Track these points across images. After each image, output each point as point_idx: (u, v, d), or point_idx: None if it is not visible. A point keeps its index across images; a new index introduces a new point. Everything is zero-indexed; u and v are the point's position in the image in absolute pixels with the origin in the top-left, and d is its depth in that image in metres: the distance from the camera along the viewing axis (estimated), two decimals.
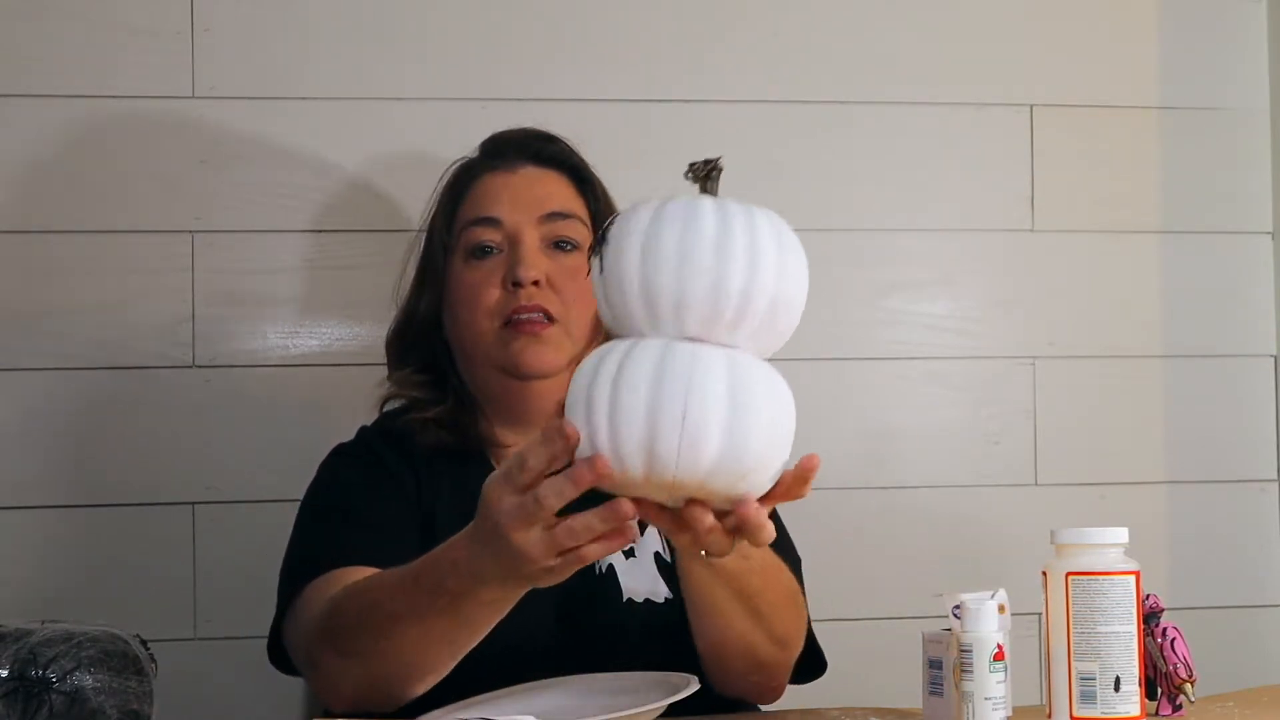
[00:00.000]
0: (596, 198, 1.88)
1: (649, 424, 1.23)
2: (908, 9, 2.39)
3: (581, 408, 1.26)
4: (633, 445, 1.24)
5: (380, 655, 1.53)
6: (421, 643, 1.50)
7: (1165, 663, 1.63)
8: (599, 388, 1.25)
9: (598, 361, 1.27)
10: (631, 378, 1.24)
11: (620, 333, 1.31)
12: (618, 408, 1.24)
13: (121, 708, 1.40)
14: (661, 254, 1.26)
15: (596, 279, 1.30)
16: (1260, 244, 2.47)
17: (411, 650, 1.51)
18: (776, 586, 1.60)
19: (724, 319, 1.27)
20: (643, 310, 1.28)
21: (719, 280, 1.26)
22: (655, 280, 1.26)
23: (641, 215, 1.29)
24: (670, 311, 1.27)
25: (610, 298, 1.29)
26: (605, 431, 1.24)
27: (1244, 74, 2.46)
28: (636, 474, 1.25)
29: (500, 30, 2.30)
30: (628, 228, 1.28)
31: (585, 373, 1.27)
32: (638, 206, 1.30)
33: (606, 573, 1.76)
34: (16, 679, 1.37)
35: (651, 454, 1.24)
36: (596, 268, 1.30)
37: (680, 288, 1.26)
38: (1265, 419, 2.46)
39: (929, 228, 2.39)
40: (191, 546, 2.20)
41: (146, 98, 2.22)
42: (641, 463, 1.24)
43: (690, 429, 1.23)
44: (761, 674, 1.68)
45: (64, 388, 2.19)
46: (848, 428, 2.36)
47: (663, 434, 1.23)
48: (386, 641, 1.51)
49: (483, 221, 1.83)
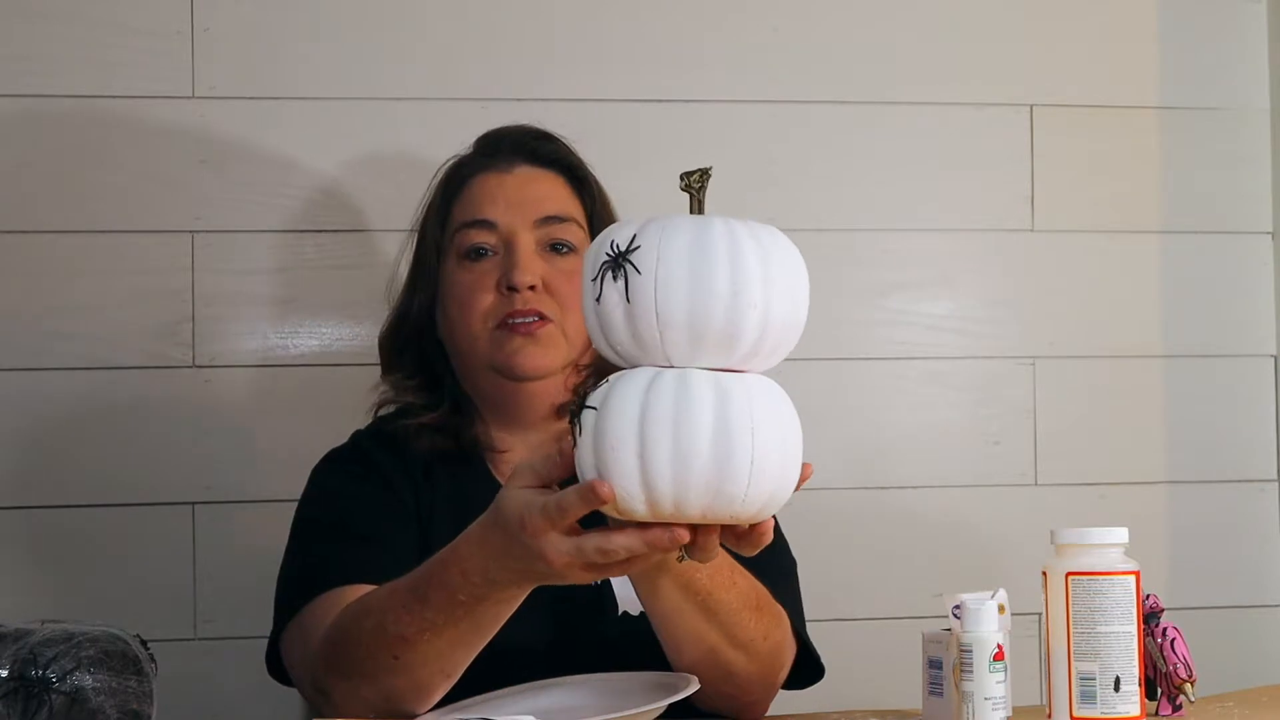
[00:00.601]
0: (593, 198, 1.85)
1: (719, 466, 1.23)
2: (907, 9, 2.39)
3: (633, 442, 1.24)
4: (698, 487, 1.23)
5: (393, 673, 1.51)
6: (435, 656, 1.49)
7: (1165, 663, 1.63)
8: (657, 426, 1.23)
9: (643, 396, 1.24)
10: (697, 418, 1.23)
11: (625, 356, 1.28)
12: (683, 448, 1.23)
13: (121, 708, 1.40)
14: (715, 289, 1.24)
15: (618, 305, 1.26)
16: (1260, 244, 2.47)
17: (425, 665, 1.50)
18: (730, 588, 1.57)
19: (749, 347, 1.26)
20: (682, 341, 1.25)
21: (765, 312, 1.25)
22: (704, 314, 1.24)
23: (677, 243, 1.25)
24: (714, 345, 1.25)
25: (637, 327, 1.26)
26: (668, 470, 1.23)
27: (1244, 74, 2.47)
28: (694, 511, 1.25)
29: (499, 30, 2.30)
30: (668, 256, 1.24)
31: (630, 410, 1.24)
32: (662, 230, 1.26)
33: (601, 585, 1.74)
34: (16, 679, 1.37)
35: (719, 494, 1.24)
36: (616, 295, 1.26)
37: (733, 324, 1.24)
38: (1265, 419, 2.46)
39: (929, 228, 2.39)
40: (191, 546, 2.20)
41: (146, 98, 2.22)
42: (703, 504, 1.24)
43: (759, 470, 1.24)
44: (733, 685, 1.64)
45: (64, 388, 2.19)
46: (848, 428, 2.36)
47: (733, 477, 1.23)
48: (399, 661, 1.50)
49: (477, 224, 1.80)
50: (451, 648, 1.48)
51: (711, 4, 2.36)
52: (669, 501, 1.24)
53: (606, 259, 1.26)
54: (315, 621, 1.64)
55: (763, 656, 1.63)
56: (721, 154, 2.33)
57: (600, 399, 1.26)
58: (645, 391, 1.25)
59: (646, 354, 1.27)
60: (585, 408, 1.27)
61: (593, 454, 1.26)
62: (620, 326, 1.27)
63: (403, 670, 1.50)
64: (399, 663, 1.50)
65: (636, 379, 1.26)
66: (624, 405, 1.25)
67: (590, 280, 1.28)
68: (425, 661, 1.49)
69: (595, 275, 1.27)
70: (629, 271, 1.25)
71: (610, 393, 1.26)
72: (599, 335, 1.29)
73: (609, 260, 1.26)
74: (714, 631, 1.58)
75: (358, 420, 1.91)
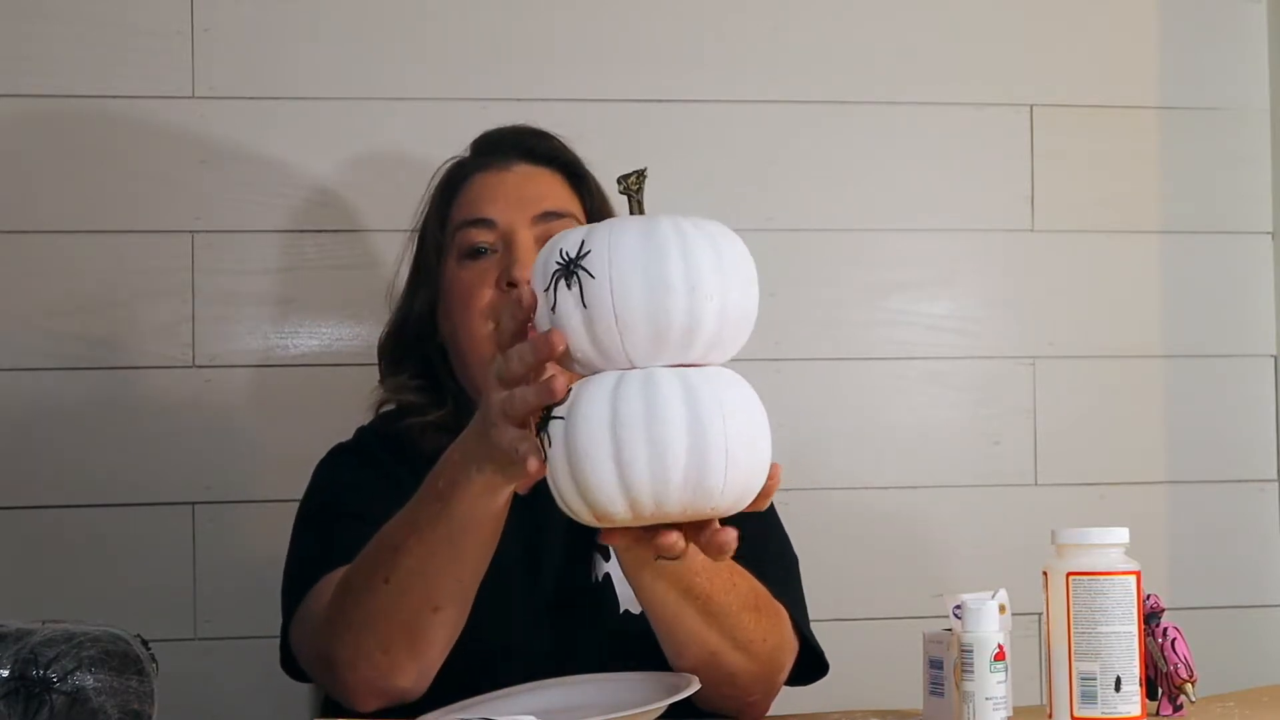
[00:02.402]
0: (591, 195, 1.85)
1: (696, 460, 1.23)
2: (907, 10, 2.39)
3: (606, 447, 1.23)
4: (677, 483, 1.23)
5: (386, 609, 1.52)
6: (419, 574, 1.50)
7: (1166, 663, 1.63)
8: (630, 429, 1.22)
9: (611, 400, 1.24)
10: (669, 415, 1.22)
11: (584, 363, 1.27)
12: (659, 447, 1.22)
13: (122, 708, 1.40)
14: (671, 284, 1.23)
15: (574, 312, 1.25)
16: (1260, 244, 2.47)
17: (412, 588, 1.51)
18: (729, 590, 1.57)
19: (709, 340, 1.26)
20: (643, 340, 1.24)
21: (723, 303, 1.25)
22: (663, 311, 1.23)
23: (628, 244, 1.24)
24: (674, 341, 1.24)
25: (596, 331, 1.24)
26: (645, 471, 1.23)
27: (1244, 74, 2.47)
28: (674, 509, 1.25)
29: (499, 30, 2.30)
30: (620, 258, 1.24)
31: (599, 414, 1.23)
32: (610, 232, 1.25)
33: (603, 582, 1.74)
34: (17, 679, 1.36)
35: (698, 488, 1.23)
36: (572, 301, 1.24)
37: (693, 318, 1.24)
38: (1265, 419, 2.46)
39: (929, 228, 2.39)
40: (191, 546, 2.20)
41: (146, 98, 2.22)
42: (684, 500, 1.24)
43: (733, 460, 1.23)
44: (733, 686, 1.64)
45: (64, 388, 2.19)
46: (848, 427, 2.36)
47: (711, 469, 1.23)
48: (389, 585, 1.51)
49: (476, 222, 1.80)
50: (435, 561, 1.49)
51: (711, 4, 2.36)
52: (649, 501, 1.24)
53: (557, 267, 1.25)
54: (320, 599, 1.64)
55: (763, 657, 1.63)
56: (721, 154, 2.34)
57: (566, 408, 1.25)
58: (612, 394, 1.24)
59: (607, 358, 1.26)
60: (552, 418, 1.26)
61: (566, 463, 1.25)
62: (579, 333, 1.25)
63: (395, 598, 1.51)
64: (389, 587, 1.51)
65: (601, 383, 1.25)
66: (592, 411, 1.24)
67: (543, 291, 1.26)
68: (412, 582, 1.50)
69: (547, 285, 1.26)
70: (582, 277, 1.24)
71: (576, 400, 1.25)
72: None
73: (560, 268, 1.25)
74: (714, 633, 1.58)
75: (358, 420, 1.91)
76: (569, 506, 1.28)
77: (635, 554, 1.46)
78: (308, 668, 1.72)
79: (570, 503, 1.27)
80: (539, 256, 1.29)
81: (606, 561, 1.74)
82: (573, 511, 1.28)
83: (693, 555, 1.36)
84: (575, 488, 1.25)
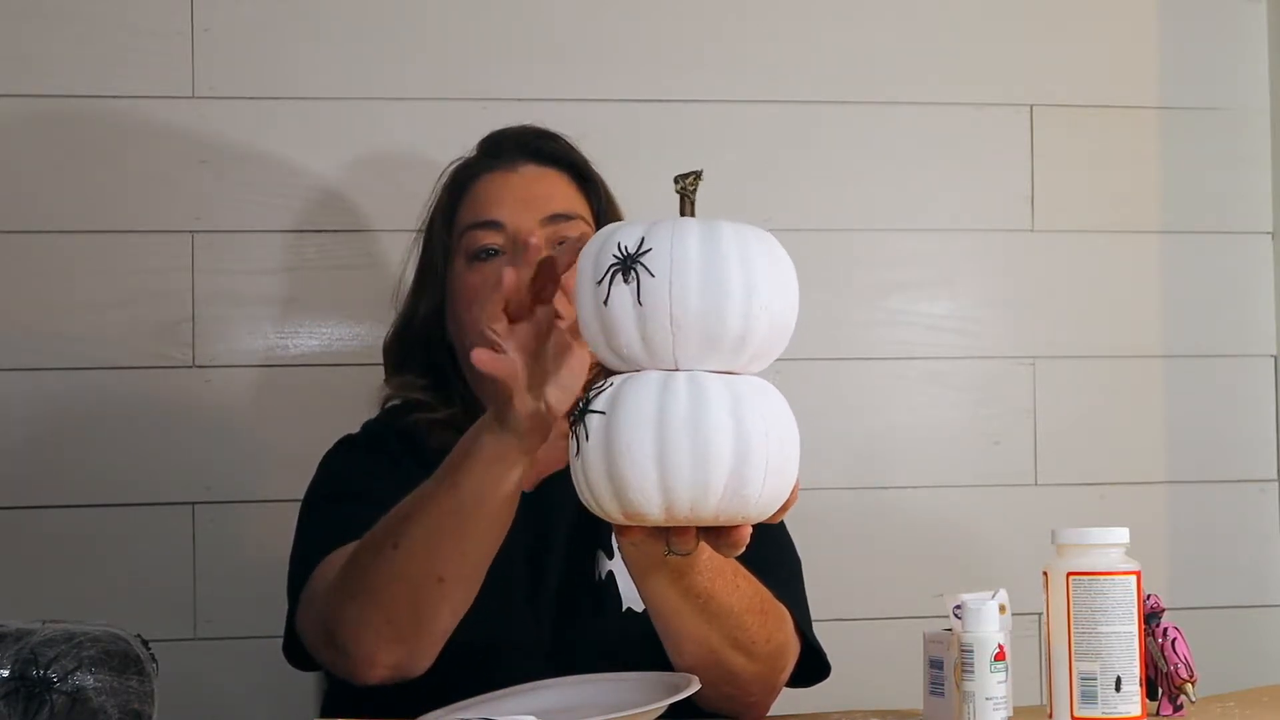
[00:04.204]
0: (599, 196, 1.85)
1: (738, 469, 1.23)
2: (908, 9, 2.39)
3: (650, 447, 1.23)
4: (717, 490, 1.23)
5: (391, 575, 1.52)
6: (424, 540, 1.50)
7: (1166, 663, 1.63)
8: (676, 431, 1.22)
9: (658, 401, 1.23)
10: (717, 422, 1.22)
11: (628, 359, 1.27)
12: (703, 453, 1.22)
13: (123, 708, 1.40)
14: (730, 292, 1.23)
15: (628, 308, 1.24)
16: (1260, 244, 2.47)
17: (422, 551, 1.51)
18: (733, 591, 1.57)
19: (755, 350, 1.26)
20: (693, 344, 1.24)
21: (773, 314, 1.26)
22: (718, 317, 1.23)
23: (690, 246, 1.24)
24: (726, 347, 1.25)
25: (648, 330, 1.24)
26: (688, 475, 1.22)
27: (1244, 74, 2.47)
28: (708, 514, 1.25)
29: (500, 30, 2.30)
30: (682, 259, 1.23)
31: (645, 414, 1.23)
32: (672, 232, 1.25)
33: (606, 580, 1.74)
34: (17, 679, 1.36)
35: (735, 496, 1.24)
36: (628, 297, 1.24)
37: (746, 326, 1.24)
38: (1265, 419, 2.46)
39: (929, 228, 2.39)
40: (191, 546, 2.20)
41: (146, 98, 2.22)
42: (719, 507, 1.24)
43: (772, 472, 1.24)
44: (734, 686, 1.64)
45: (64, 388, 2.19)
46: (848, 427, 2.36)
47: (750, 479, 1.23)
48: (397, 550, 1.51)
49: (484, 225, 1.79)
50: (442, 532, 1.50)
51: (711, 4, 2.36)
52: (686, 505, 1.23)
53: (615, 261, 1.24)
54: (326, 575, 1.63)
55: (764, 658, 1.63)
56: (721, 154, 2.34)
57: (607, 403, 1.25)
58: (659, 395, 1.23)
59: (653, 357, 1.26)
60: (590, 412, 1.26)
61: (603, 459, 1.24)
62: (629, 329, 1.25)
63: (401, 565, 1.51)
64: (397, 552, 1.51)
65: (646, 382, 1.25)
66: (638, 409, 1.23)
67: (595, 282, 1.26)
68: (417, 549, 1.50)
69: (601, 277, 1.25)
70: (641, 274, 1.24)
71: (620, 397, 1.24)
72: (599, 338, 1.28)
73: (617, 262, 1.24)
74: (716, 634, 1.58)
75: (359, 420, 1.91)
76: (597, 501, 1.27)
77: (645, 549, 1.45)
78: (313, 649, 1.70)
79: (599, 497, 1.26)
80: (590, 245, 1.28)
81: (610, 560, 1.74)
82: (600, 506, 1.27)
83: (698, 554, 1.36)
84: (610, 484, 1.24)
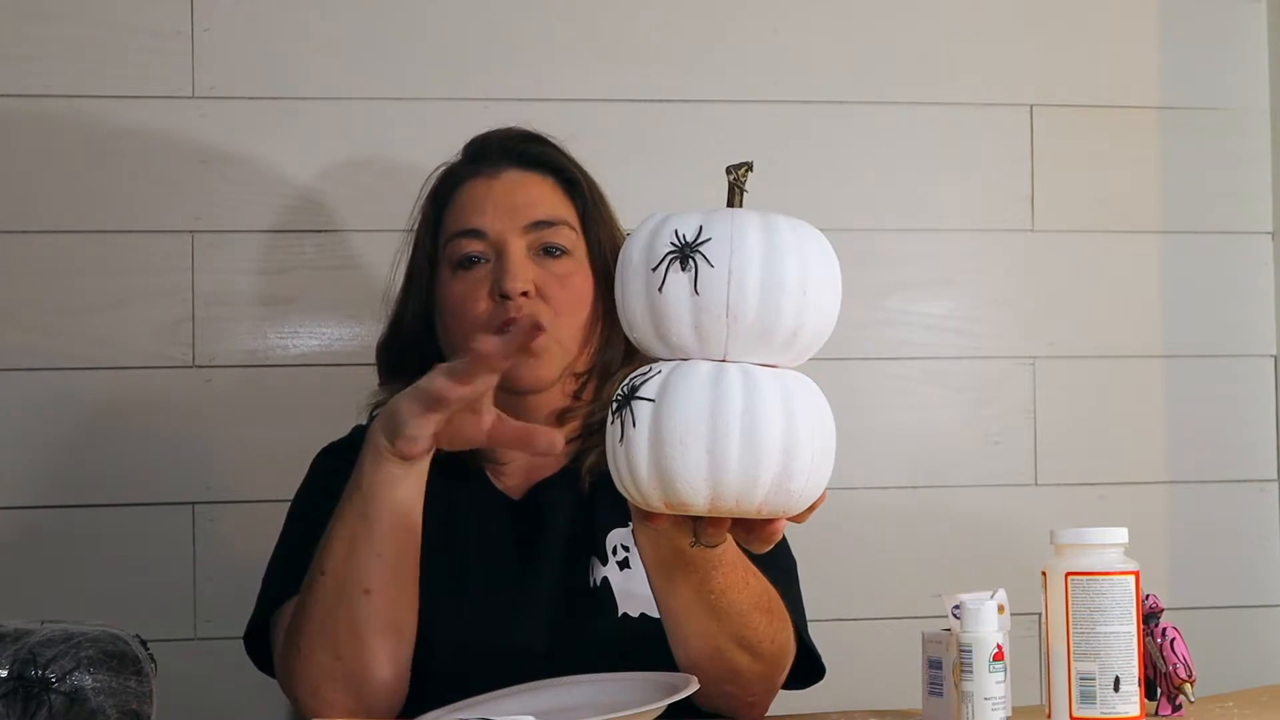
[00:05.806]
0: (584, 198, 1.82)
1: (786, 463, 1.24)
2: (907, 9, 2.39)
3: (702, 438, 1.22)
4: (765, 483, 1.23)
5: (323, 593, 1.58)
6: (348, 551, 1.57)
7: (1165, 663, 1.63)
8: (729, 423, 1.22)
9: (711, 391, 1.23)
10: (770, 415, 1.23)
11: (676, 347, 1.26)
12: (754, 445, 1.23)
13: (121, 708, 1.40)
14: (787, 286, 1.24)
15: (684, 296, 1.24)
16: (1260, 244, 2.47)
17: (343, 567, 1.58)
18: (743, 589, 1.56)
19: (804, 345, 1.28)
20: (747, 336, 1.24)
21: (823, 312, 1.27)
22: (774, 311, 1.24)
23: (750, 238, 1.24)
24: (778, 341, 1.25)
25: (702, 320, 1.24)
26: (737, 467, 1.23)
27: (1244, 74, 2.46)
28: (752, 506, 1.25)
29: (500, 30, 2.30)
30: (742, 251, 1.23)
31: (698, 403, 1.22)
32: (732, 223, 1.25)
33: (601, 586, 1.73)
34: (16, 679, 1.37)
35: (780, 490, 1.24)
36: (685, 285, 1.23)
37: (799, 321, 1.25)
38: (1265, 419, 2.46)
39: (929, 228, 2.39)
40: (191, 546, 2.20)
41: (146, 98, 2.22)
42: (764, 499, 1.24)
43: (815, 468, 1.26)
44: (736, 685, 1.64)
45: (64, 388, 2.19)
46: (847, 427, 2.33)
47: (796, 474, 1.24)
48: (325, 576, 1.58)
49: (467, 233, 1.78)
50: (356, 542, 1.57)
51: (712, 4, 2.35)
52: (732, 496, 1.23)
53: (672, 249, 1.24)
54: (283, 629, 1.67)
55: (768, 658, 1.63)
56: (721, 154, 2.29)
57: (655, 391, 1.24)
58: (712, 386, 1.23)
59: (704, 347, 1.25)
60: (636, 399, 1.24)
61: (649, 446, 1.23)
62: (681, 318, 1.24)
63: (330, 587, 1.58)
64: (325, 577, 1.58)
65: (697, 372, 1.24)
66: (691, 399, 1.23)
67: (649, 269, 1.25)
68: (339, 567, 1.57)
69: (657, 264, 1.24)
70: (699, 263, 1.23)
71: (668, 385, 1.24)
72: (647, 324, 1.27)
73: (675, 250, 1.24)
74: (724, 631, 1.58)
75: (358, 420, 1.91)
76: (638, 488, 1.26)
77: (667, 539, 1.45)
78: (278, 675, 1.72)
79: (642, 485, 1.25)
80: (641, 230, 1.28)
81: (604, 566, 1.74)
82: (640, 494, 1.26)
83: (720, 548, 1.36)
84: (656, 472, 1.23)
